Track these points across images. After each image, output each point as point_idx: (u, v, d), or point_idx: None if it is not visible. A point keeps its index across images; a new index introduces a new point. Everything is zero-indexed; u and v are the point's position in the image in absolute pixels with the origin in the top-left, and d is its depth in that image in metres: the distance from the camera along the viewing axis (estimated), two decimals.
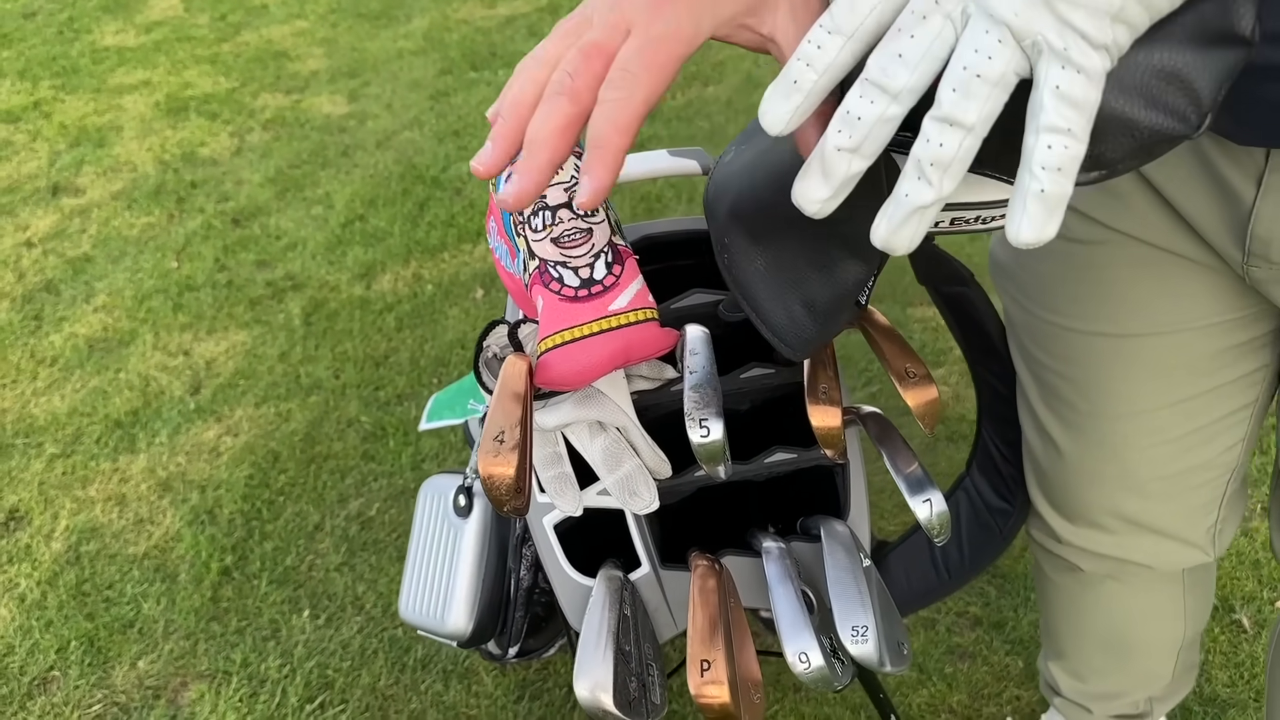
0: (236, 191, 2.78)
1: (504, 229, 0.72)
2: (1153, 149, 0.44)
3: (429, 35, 3.44)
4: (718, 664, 0.64)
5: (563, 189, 0.68)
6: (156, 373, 2.21)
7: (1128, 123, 0.42)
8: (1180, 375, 0.80)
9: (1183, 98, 0.42)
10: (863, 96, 0.42)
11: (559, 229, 0.67)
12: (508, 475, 0.59)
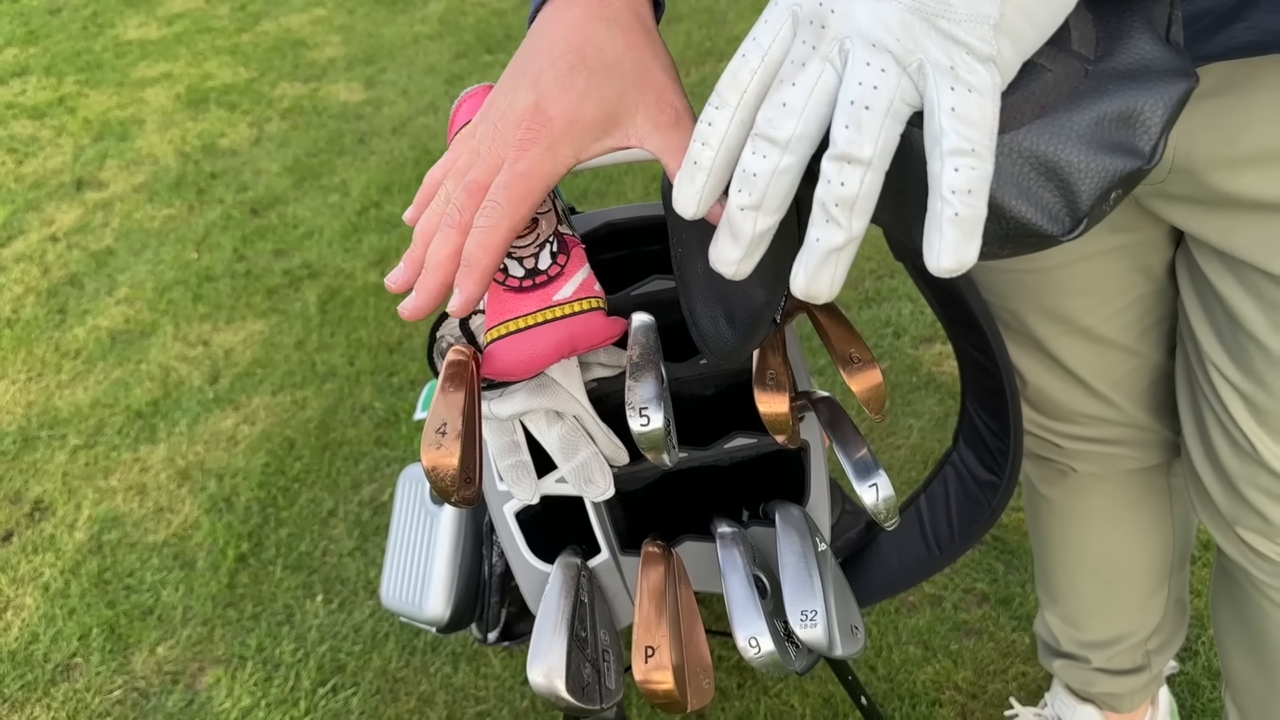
0: (255, 181, 2.81)
1: None
2: (1019, 242, 0.42)
3: (444, 19, 3.44)
4: (662, 650, 0.65)
5: None
6: (176, 363, 2.24)
7: (994, 207, 0.40)
8: (1102, 294, 0.83)
9: (1058, 196, 0.40)
10: (755, 152, 0.42)
11: None
12: (451, 465, 0.59)
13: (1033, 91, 0.42)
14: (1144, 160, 0.40)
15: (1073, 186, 0.41)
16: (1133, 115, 0.40)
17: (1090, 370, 0.89)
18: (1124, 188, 0.42)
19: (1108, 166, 0.40)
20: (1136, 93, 0.41)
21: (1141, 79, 0.41)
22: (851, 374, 0.66)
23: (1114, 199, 0.42)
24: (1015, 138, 0.41)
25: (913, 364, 1.91)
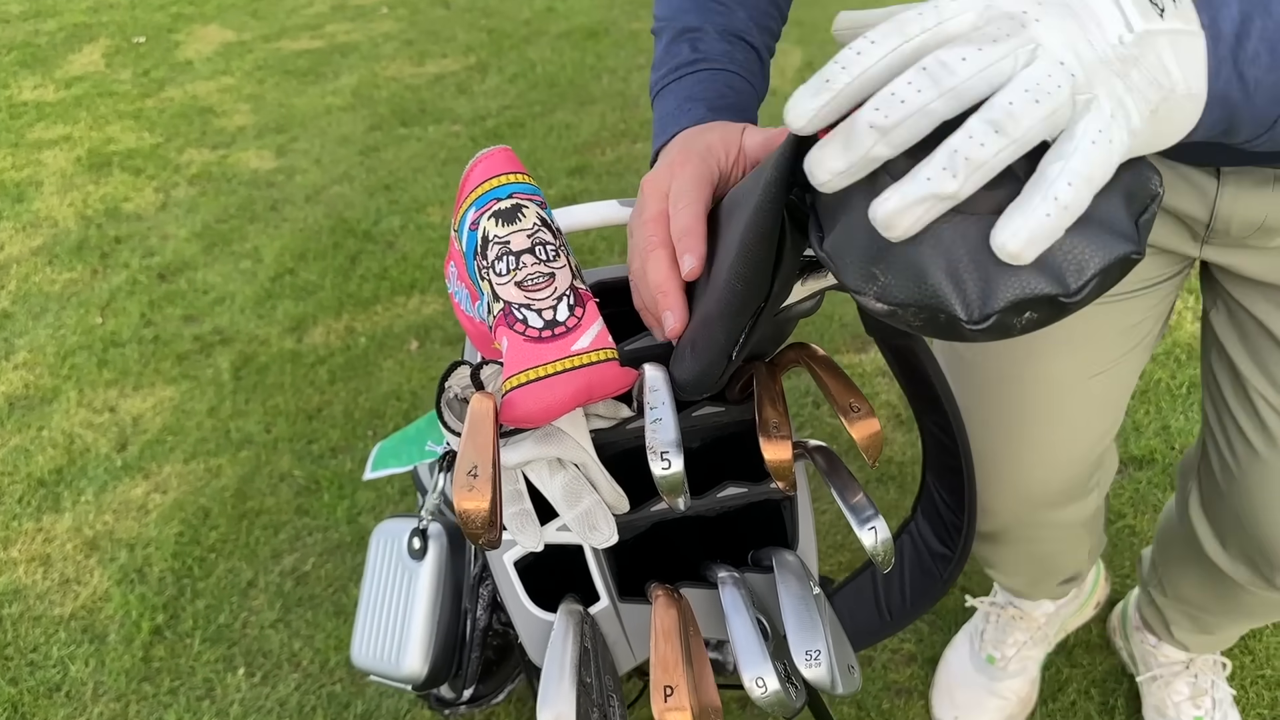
0: (162, 246, 2.75)
1: (466, 273, 0.75)
2: (928, 313, 0.45)
3: (358, 92, 3.46)
4: (680, 689, 0.67)
5: (525, 235, 0.71)
6: (81, 430, 2.16)
7: (918, 272, 0.44)
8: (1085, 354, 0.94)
9: (977, 287, 0.43)
10: (911, 83, 0.42)
11: (523, 273, 0.70)
12: (482, 509, 0.61)
13: (999, 192, 0.45)
14: (1065, 292, 0.43)
15: (994, 284, 0.44)
16: (1072, 252, 0.43)
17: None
18: (1039, 312, 0.44)
19: (1031, 282, 0.43)
20: (1085, 236, 0.43)
21: (1094, 227, 0.44)
22: (852, 423, 0.70)
23: (1027, 319, 0.44)
24: (966, 221, 0.44)
25: (832, 433, 1.98)
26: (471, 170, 0.76)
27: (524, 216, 0.72)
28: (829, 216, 0.51)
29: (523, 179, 0.75)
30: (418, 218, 2.77)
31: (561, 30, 3.75)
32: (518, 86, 3.40)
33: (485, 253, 0.72)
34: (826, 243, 0.50)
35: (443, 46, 3.72)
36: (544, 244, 0.72)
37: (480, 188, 0.74)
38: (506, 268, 0.71)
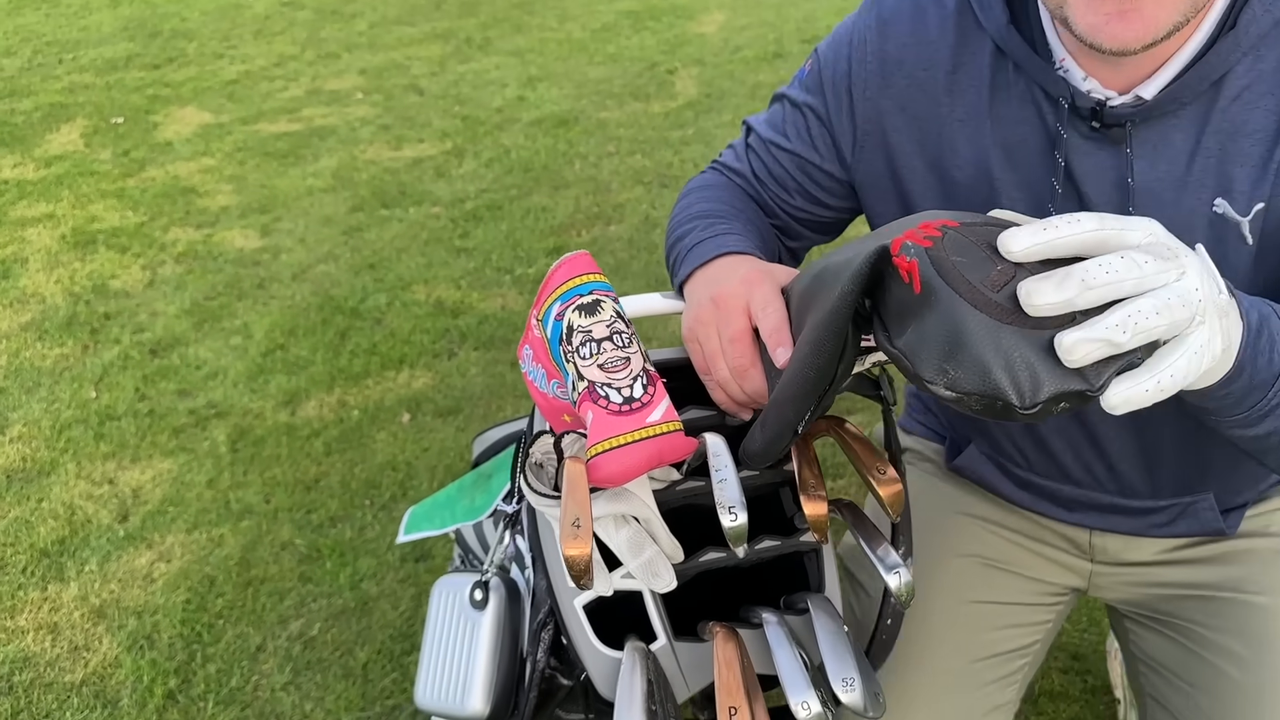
0: (152, 323, 2.83)
1: (550, 357, 0.88)
2: (989, 401, 0.59)
3: (338, 174, 3.59)
4: (742, 709, 0.79)
5: (605, 325, 0.85)
6: (82, 501, 2.22)
7: (982, 368, 0.59)
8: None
9: (1028, 382, 0.58)
10: (1113, 265, 0.57)
11: (603, 357, 0.83)
12: (585, 554, 0.73)
13: (1045, 318, 0.61)
14: (1090, 389, 0.59)
15: (1040, 381, 0.59)
16: (1095, 365, 0.59)
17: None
18: (1070, 403, 0.60)
19: (1068, 381, 0.59)
20: None
21: None
22: (879, 483, 0.84)
23: (1061, 407, 0.60)
24: (1019, 334, 0.59)
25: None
26: (555, 270, 0.90)
27: (603, 309, 0.86)
28: (896, 322, 0.65)
29: (600, 278, 0.88)
30: (403, 295, 2.89)
31: (533, 118, 3.93)
32: (494, 171, 3.56)
33: (570, 340, 0.85)
34: (898, 342, 0.64)
35: (418, 131, 3.88)
36: (619, 332, 0.85)
37: (564, 285, 0.88)
38: (590, 352, 0.84)
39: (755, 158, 1.11)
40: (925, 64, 0.95)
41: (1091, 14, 0.76)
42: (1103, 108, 0.84)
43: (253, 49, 4.83)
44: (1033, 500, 1.12)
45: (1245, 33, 0.81)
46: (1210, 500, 1.05)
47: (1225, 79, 0.83)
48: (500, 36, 4.79)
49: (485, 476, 1.40)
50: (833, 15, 4.77)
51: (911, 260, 0.64)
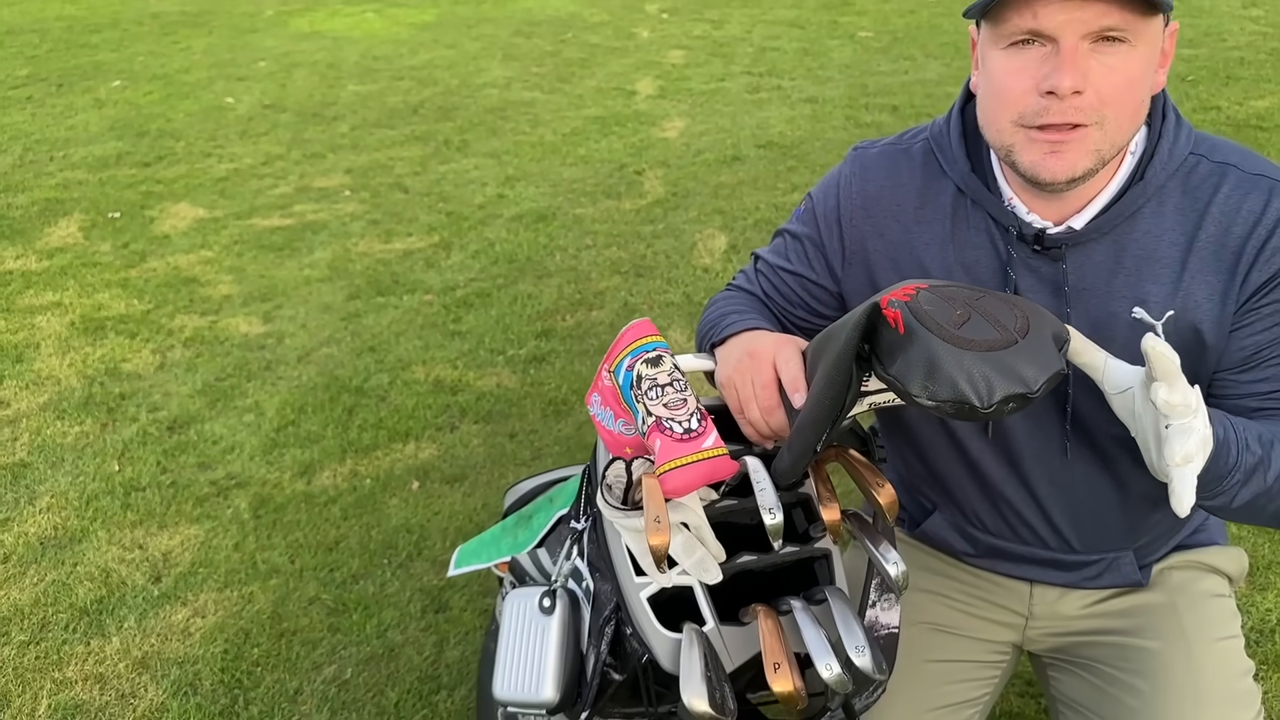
0: (166, 402, 3.02)
1: (620, 400, 1.14)
2: (958, 405, 0.86)
3: (333, 265, 3.84)
4: (783, 665, 1.03)
5: (666, 374, 1.11)
6: (115, 565, 2.39)
7: (950, 381, 0.86)
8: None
9: (984, 387, 0.85)
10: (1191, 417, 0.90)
11: (667, 398, 1.09)
12: (665, 541, 0.98)
13: (991, 339, 0.88)
14: (1030, 391, 0.86)
15: (993, 388, 0.86)
16: (1030, 370, 0.86)
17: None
18: (1016, 403, 0.87)
19: (1013, 386, 0.86)
20: (1035, 363, 0.87)
21: (1039, 358, 0.88)
22: (878, 493, 1.10)
23: (1010, 407, 0.87)
24: (976, 355, 0.86)
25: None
26: (625, 333, 1.16)
27: (664, 362, 1.12)
28: (888, 356, 0.93)
29: (659, 339, 1.15)
30: (404, 375, 3.12)
31: (514, 214, 4.23)
32: (480, 262, 3.83)
33: (640, 385, 1.11)
34: (891, 370, 0.91)
35: (406, 226, 4.15)
36: (677, 380, 1.11)
37: (633, 344, 1.14)
38: (656, 395, 1.10)
39: (764, 279, 1.40)
40: (899, 200, 1.25)
41: (1032, 154, 1.06)
42: (1043, 235, 1.14)
43: (240, 148, 5.09)
44: (987, 559, 1.39)
45: (1150, 183, 1.12)
46: (1130, 556, 1.33)
47: (1136, 216, 1.13)
48: (477, 139, 5.12)
49: (526, 517, 1.63)
50: (783, 123, 5.18)
51: (896, 311, 0.92)
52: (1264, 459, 1.05)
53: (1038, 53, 1.03)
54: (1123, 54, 1.02)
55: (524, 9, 8.01)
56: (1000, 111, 1.08)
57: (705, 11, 7.71)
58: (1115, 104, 1.03)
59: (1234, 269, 1.11)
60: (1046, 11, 1.00)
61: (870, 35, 6.81)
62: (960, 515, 1.38)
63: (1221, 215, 1.11)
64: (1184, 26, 6.57)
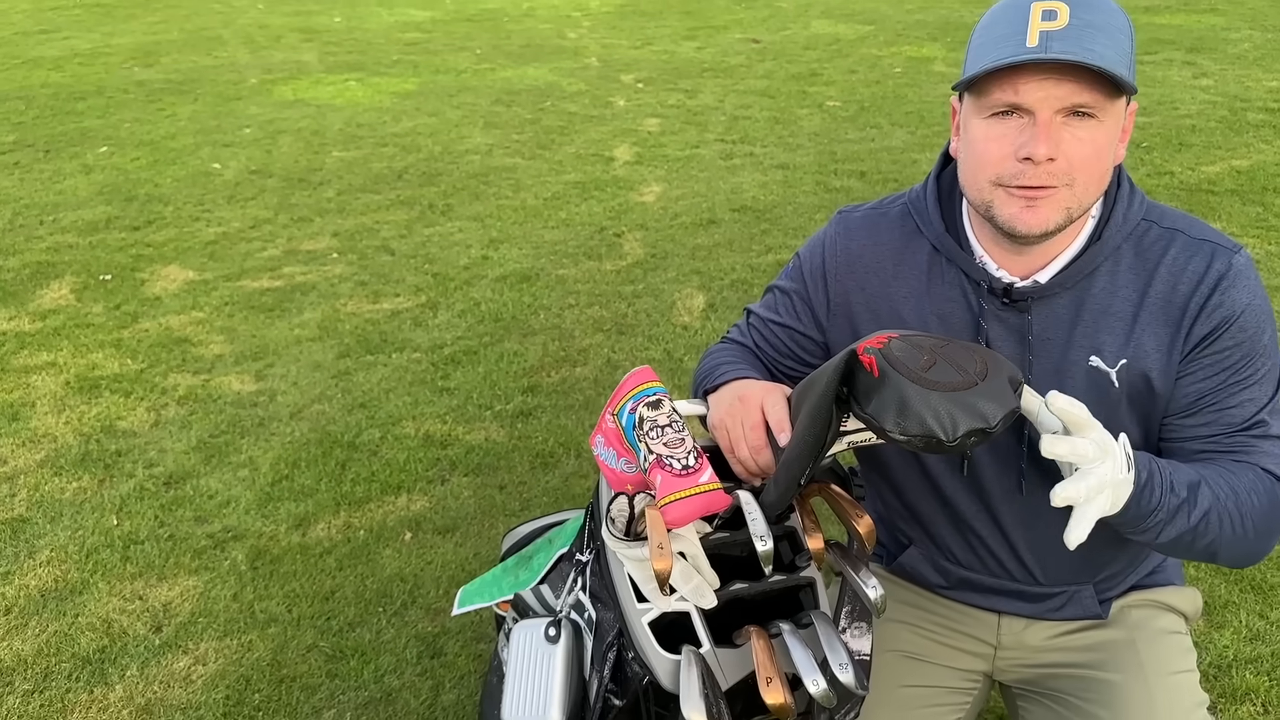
0: (162, 458, 3.10)
1: (623, 440, 1.25)
2: (926, 439, 0.99)
3: (322, 325, 3.94)
4: (775, 680, 1.13)
5: (666, 416, 1.22)
6: (116, 615, 2.45)
7: (919, 418, 0.98)
8: None
9: (949, 423, 0.98)
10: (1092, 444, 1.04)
11: (667, 437, 1.21)
12: (668, 567, 1.09)
13: (955, 380, 1.02)
14: (989, 426, 0.99)
15: (957, 423, 0.99)
16: (989, 408, 0.99)
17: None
18: (978, 437, 0.99)
19: (974, 422, 0.98)
20: (994, 401, 1.00)
21: (997, 396, 1.01)
22: (857, 523, 1.21)
23: (973, 440, 0.99)
24: (942, 394, 0.98)
25: None
26: (627, 380, 1.28)
27: (663, 405, 1.24)
28: (864, 397, 1.05)
29: (659, 384, 1.27)
30: (395, 430, 3.21)
31: (498, 275, 4.36)
32: (466, 321, 3.95)
33: (642, 426, 1.23)
34: (868, 409, 1.03)
35: (393, 287, 4.27)
36: (675, 421, 1.23)
37: (635, 389, 1.26)
38: (657, 435, 1.21)
39: (755, 332, 1.53)
40: (879, 258, 1.39)
41: (1010, 209, 1.20)
42: (1011, 289, 1.28)
43: (228, 213, 5.21)
44: (958, 590, 1.50)
45: (1107, 244, 1.27)
46: (1090, 590, 1.45)
47: (1095, 274, 1.27)
48: (460, 204, 5.27)
49: (527, 558, 1.73)
50: (756, 188, 5.37)
51: (871, 357, 1.05)
52: (1188, 500, 1.18)
53: (1016, 123, 1.18)
54: (1091, 127, 1.17)
55: (504, 79, 8.23)
56: (980, 172, 1.22)
57: (679, 82, 7.96)
58: (1084, 170, 1.18)
59: (1180, 323, 1.26)
60: (1026, 88, 1.15)
61: (838, 105, 7.06)
62: (934, 549, 1.49)
63: (1169, 275, 1.26)
64: (1139, 96, 6.86)
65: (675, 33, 10.14)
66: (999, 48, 1.15)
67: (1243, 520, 1.20)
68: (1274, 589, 2.39)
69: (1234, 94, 6.85)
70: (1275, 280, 4.02)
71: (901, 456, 1.44)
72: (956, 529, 1.44)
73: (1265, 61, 7.75)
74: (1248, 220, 4.65)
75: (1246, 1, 10.35)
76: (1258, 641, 2.24)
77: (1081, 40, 1.11)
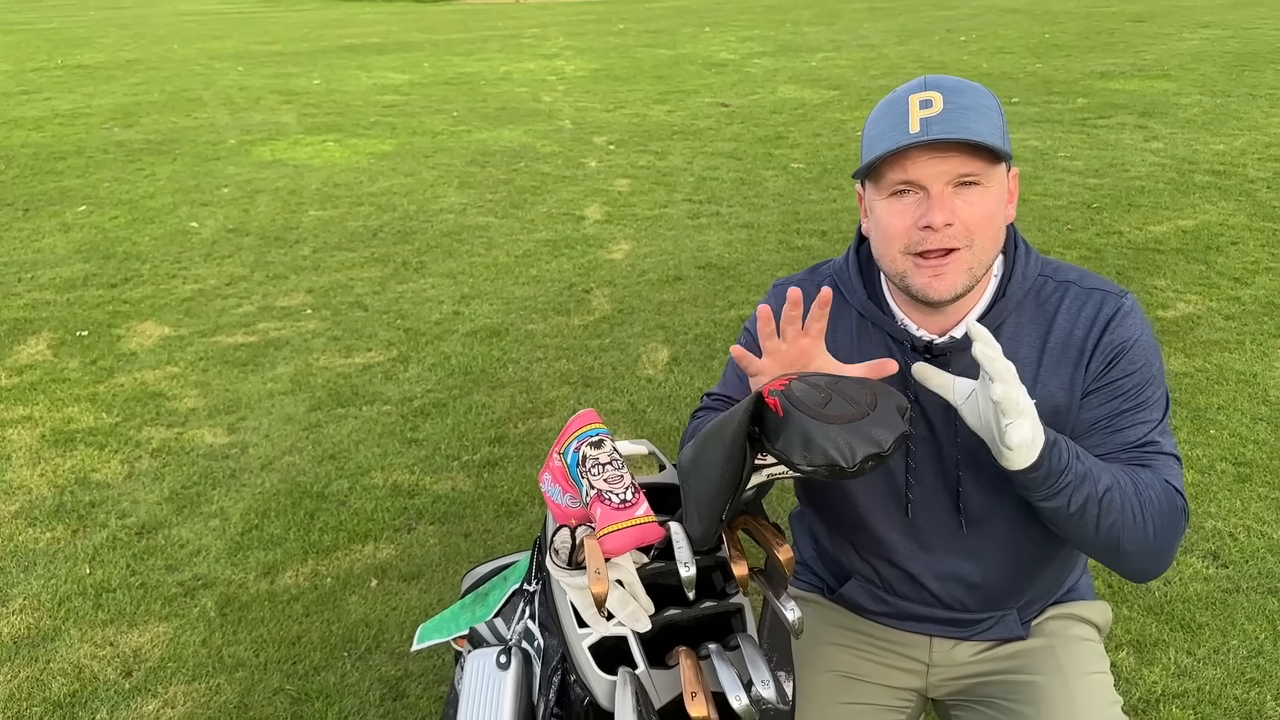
0: (135, 509, 3.17)
1: (568, 477, 1.36)
2: (829, 467, 1.09)
3: (295, 379, 4.04)
4: (699, 694, 1.23)
5: (607, 454, 1.34)
6: (87, 661, 2.51)
7: (821, 449, 1.10)
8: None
9: (848, 452, 1.09)
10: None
11: (607, 474, 1.32)
12: (604, 590, 1.20)
13: (850, 412, 1.13)
14: (882, 451, 1.10)
15: (855, 451, 1.10)
16: (880, 435, 1.10)
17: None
18: (874, 461, 1.11)
19: (869, 449, 1.10)
20: (884, 427, 1.12)
21: (887, 423, 1.13)
22: (778, 551, 1.32)
23: (870, 465, 1.10)
24: (839, 427, 1.10)
25: None
26: (572, 421, 1.39)
27: (605, 445, 1.35)
28: (773, 434, 1.17)
29: (602, 426, 1.38)
30: (363, 480, 3.30)
31: (468, 329, 4.48)
32: (436, 374, 4.06)
33: (584, 464, 1.34)
34: (777, 445, 1.15)
35: (366, 342, 4.38)
36: (615, 460, 1.34)
37: (580, 429, 1.37)
38: (598, 472, 1.33)
39: (719, 403, 1.63)
40: None
41: (920, 279, 1.35)
42: (932, 345, 1.41)
43: (204, 270, 5.32)
44: (894, 619, 1.61)
45: (1010, 299, 1.42)
46: (1015, 614, 1.57)
47: (1002, 326, 1.42)
48: (434, 261, 5.40)
49: (483, 595, 1.83)
50: (721, 246, 5.54)
51: (775, 399, 1.17)
52: (1092, 472, 1.30)
53: (913, 199, 1.33)
54: (979, 192, 1.32)
55: (479, 140, 8.43)
56: (890, 246, 1.37)
57: (649, 144, 8.18)
58: (979, 230, 1.33)
59: (1078, 362, 1.41)
60: (915, 167, 1.30)
61: (802, 166, 7.29)
62: (873, 583, 1.61)
63: (1066, 321, 1.41)
64: (1091, 158, 7.14)
65: (647, 96, 10.41)
66: (887, 137, 1.32)
67: (1143, 510, 1.33)
68: (1202, 627, 2.50)
69: (1182, 156, 7.12)
70: (1215, 335, 4.20)
71: (843, 498, 1.55)
72: (893, 565, 1.56)
73: (1213, 125, 8.06)
74: (1191, 278, 4.85)
75: (1197, 68, 10.75)
76: (1185, 678, 2.35)
77: (957, 121, 1.27)
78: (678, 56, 13.38)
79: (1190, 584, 2.67)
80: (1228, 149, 7.29)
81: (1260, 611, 2.56)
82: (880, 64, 12.00)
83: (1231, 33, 13.32)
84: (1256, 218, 5.71)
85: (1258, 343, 4.11)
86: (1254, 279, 4.80)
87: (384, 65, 13.11)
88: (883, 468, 1.47)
